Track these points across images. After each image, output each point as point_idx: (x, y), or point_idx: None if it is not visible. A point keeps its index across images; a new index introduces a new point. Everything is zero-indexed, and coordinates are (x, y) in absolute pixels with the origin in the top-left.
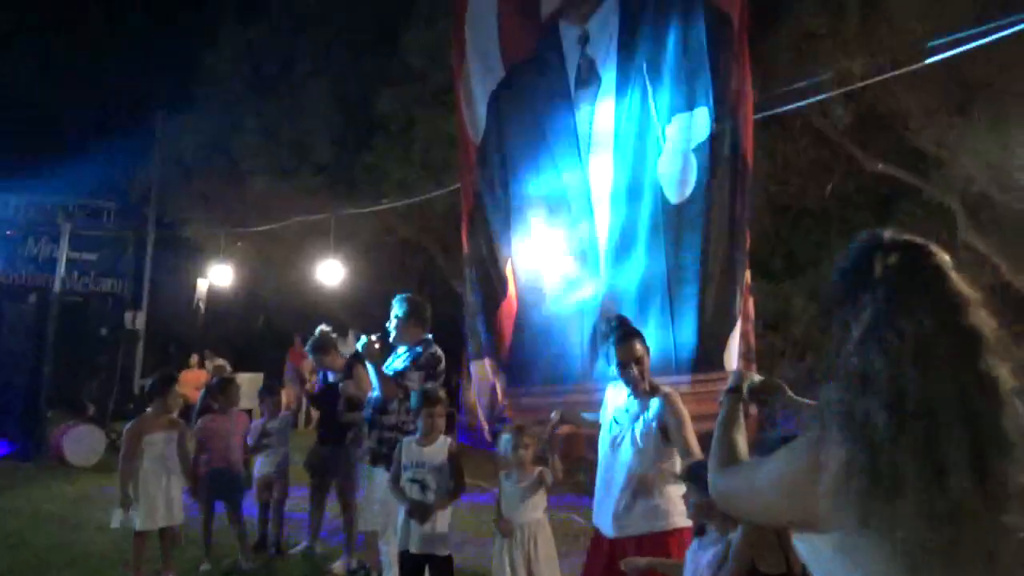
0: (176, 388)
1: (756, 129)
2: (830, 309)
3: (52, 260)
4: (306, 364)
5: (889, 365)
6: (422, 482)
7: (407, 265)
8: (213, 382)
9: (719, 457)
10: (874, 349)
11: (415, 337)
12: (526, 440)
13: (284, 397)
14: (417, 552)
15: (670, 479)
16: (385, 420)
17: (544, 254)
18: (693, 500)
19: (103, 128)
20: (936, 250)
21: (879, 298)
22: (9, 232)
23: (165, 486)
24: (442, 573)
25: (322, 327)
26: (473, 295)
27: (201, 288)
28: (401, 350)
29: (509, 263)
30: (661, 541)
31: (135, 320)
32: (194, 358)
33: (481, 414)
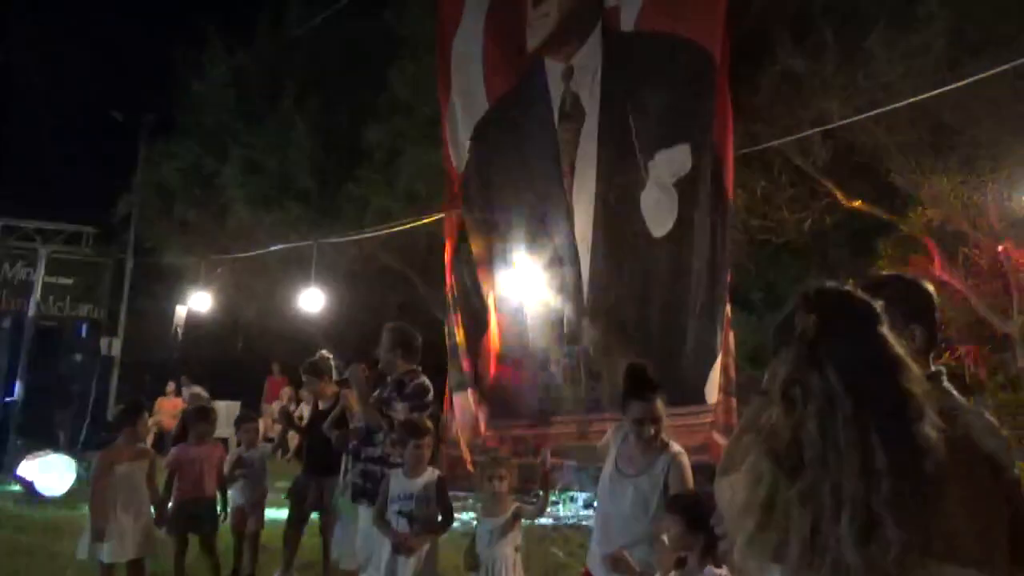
0: (146, 416)
1: (737, 165)
2: (772, 351)
3: (28, 284)
4: (284, 392)
5: (792, 421)
6: (409, 515)
7: (388, 294)
8: (189, 410)
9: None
10: (781, 404)
11: (403, 367)
12: (501, 472)
13: (262, 426)
14: None
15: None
16: (369, 452)
17: (526, 286)
18: (674, 532)
19: (84, 152)
20: (862, 302)
21: (793, 355)
22: None
23: (135, 517)
24: None
25: (323, 352)
26: (456, 327)
27: (180, 315)
28: (388, 380)
29: (491, 295)
30: None
31: (111, 346)
32: (170, 386)
33: (463, 446)
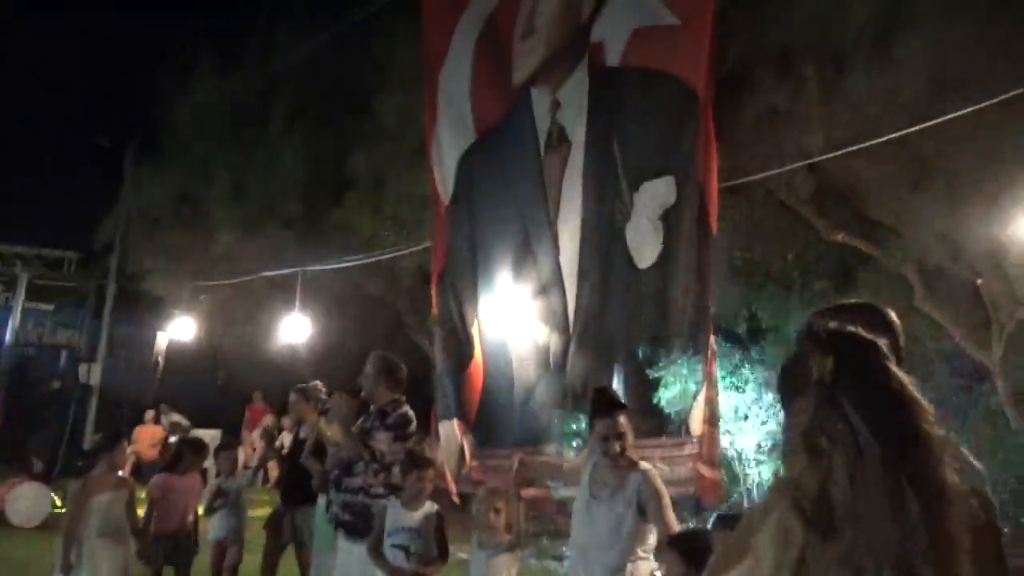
0: (125, 445)
1: (721, 197)
2: (779, 399)
3: (7, 309)
4: (266, 420)
5: (819, 471)
6: (406, 549)
7: (374, 322)
8: (187, 441)
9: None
10: (806, 455)
11: (386, 397)
12: (498, 504)
13: (242, 455)
14: None
15: (644, 555)
16: (350, 482)
17: (511, 316)
18: (674, 571)
19: (68, 176)
20: (874, 345)
21: (815, 403)
22: None
23: (111, 550)
24: None
25: (319, 383)
26: (442, 355)
27: (161, 342)
28: (371, 409)
29: (476, 324)
30: None
31: (89, 373)
32: (149, 414)
33: (448, 475)
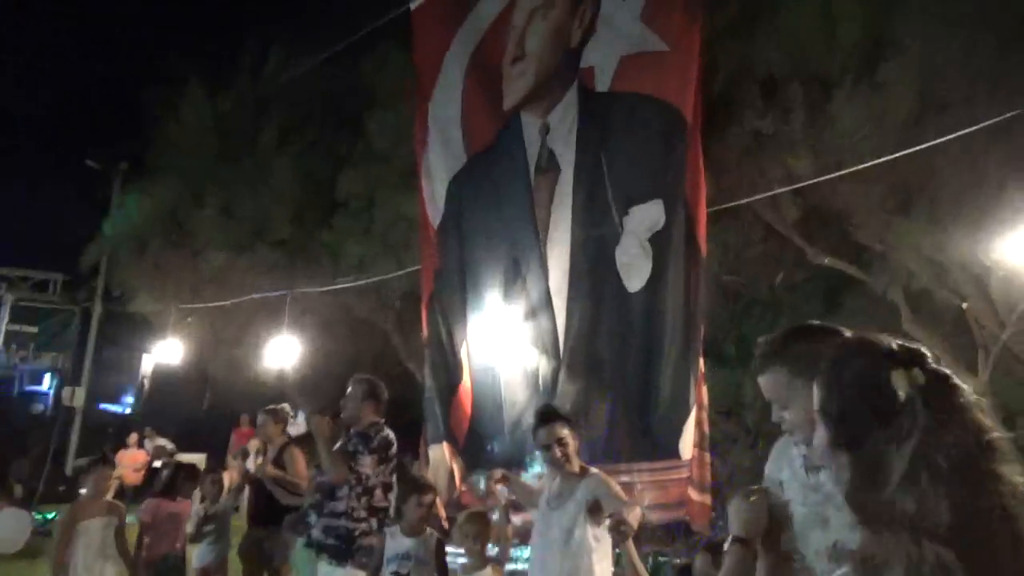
0: (110, 471)
1: (709, 221)
2: (851, 435)
3: None
4: (252, 444)
5: (944, 494)
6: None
7: (361, 345)
8: (181, 465)
9: None
10: (925, 477)
11: (369, 419)
12: (478, 529)
13: (227, 479)
14: None
15: (600, 561)
16: (334, 506)
17: (501, 339)
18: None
19: (55, 197)
20: (938, 362)
21: (921, 423)
22: None
23: (100, 575)
24: None
25: (287, 405)
26: (431, 378)
27: (146, 365)
28: (351, 431)
29: (465, 346)
30: None
31: (73, 397)
32: (132, 437)
33: (439, 501)
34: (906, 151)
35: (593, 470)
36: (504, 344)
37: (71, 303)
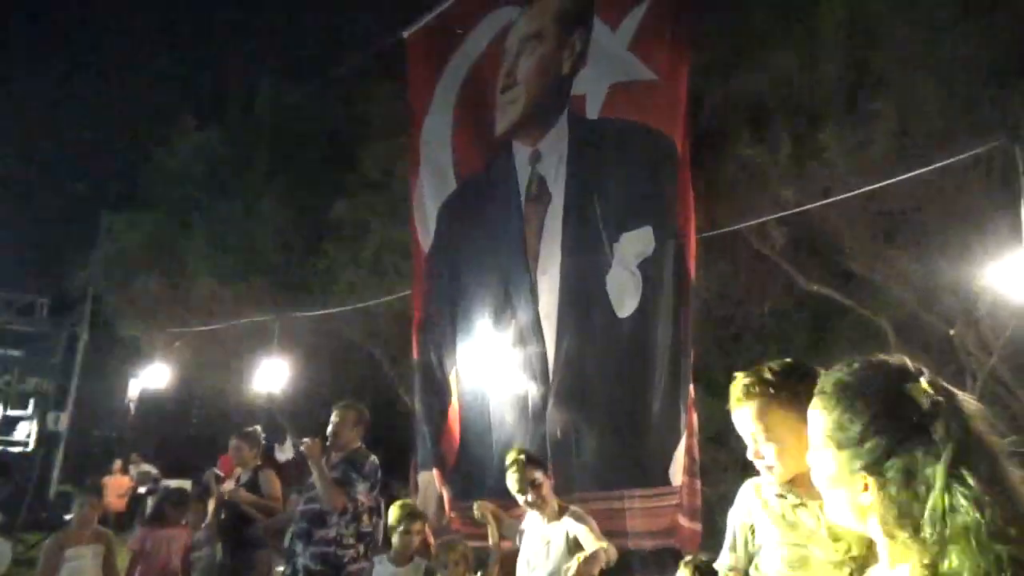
0: (96, 499)
1: (698, 248)
2: (879, 454)
3: None
4: (237, 471)
5: (983, 496)
6: None
7: (351, 370)
8: (170, 492)
9: None
10: (964, 482)
11: (355, 445)
12: (454, 557)
13: (211, 507)
14: None
15: None
16: (324, 534)
17: (490, 364)
18: None
19: (45, 221)
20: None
21: (955, 431)
22: None
23: None
24: None
25: (258, 427)
26: (421, 403)
27: (133, 389)
28: (334, 456)
29: (455, 372)
30: None
31: (57, 421)
32: (117, 463)
33: (428, 528)
34: (889, 180)
35: (572, 507)
36: (494, 369)
37: (57, 327)
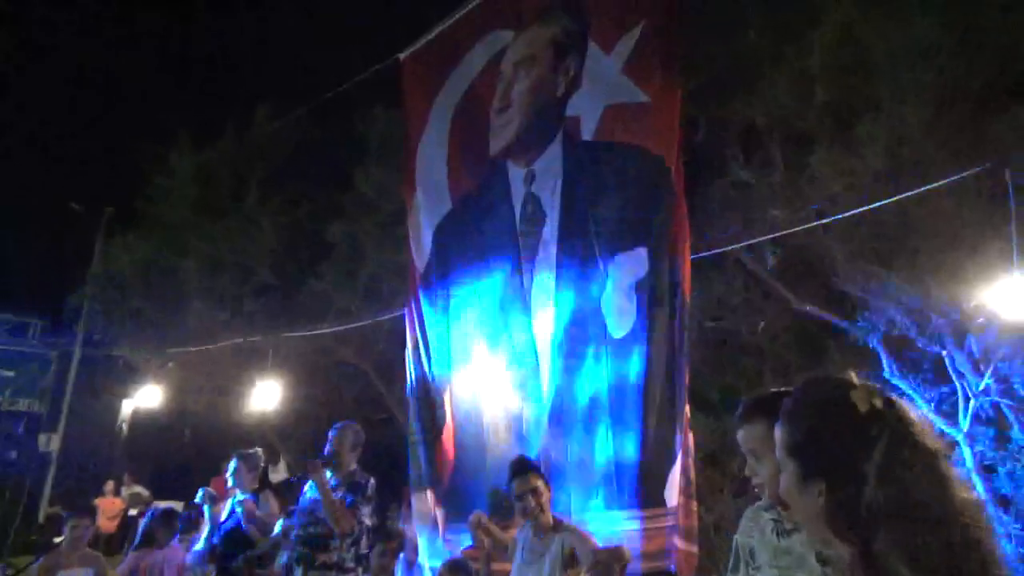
0: (88, 521)
1: (692, 268)
2: (820, 460)
3: None
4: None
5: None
6: None
7: (345, 390)
8: (157, 513)
9: None
10: (897, 474)
11: (349, 466)
12: None
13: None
14: None
15: None
16: (327, 558)
17: (484, 385)
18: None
19: (39, 242)
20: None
21: (889, 425)
22: None
23: None
24: None
25: (259, 450)
26: (415, 423)
27: (126, 410)
28: (333, 478)
29: (449, 392)
30: None
31: (48, 442)
32: (109, 485)
33: (422, 548)
34: (880, 203)
35: (567, 524)
36: (488, 390)
37: (50, 347)
